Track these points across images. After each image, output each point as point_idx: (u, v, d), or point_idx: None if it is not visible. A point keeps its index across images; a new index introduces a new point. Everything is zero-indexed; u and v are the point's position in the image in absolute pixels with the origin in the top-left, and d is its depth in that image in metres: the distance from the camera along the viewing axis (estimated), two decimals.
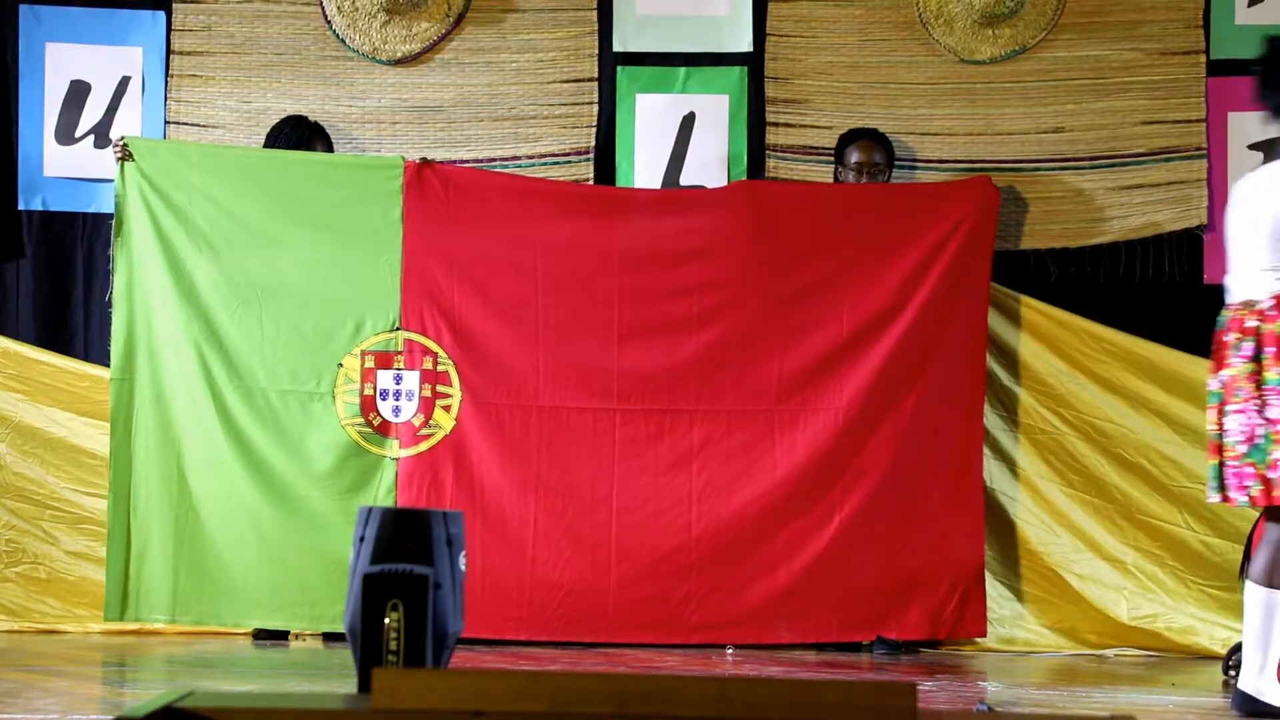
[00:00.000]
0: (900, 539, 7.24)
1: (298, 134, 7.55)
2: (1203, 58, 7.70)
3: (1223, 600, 7.18)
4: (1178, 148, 7.70)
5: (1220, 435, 5.41)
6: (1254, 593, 5.37)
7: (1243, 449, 5.33)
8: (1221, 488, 5.42)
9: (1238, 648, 6.35)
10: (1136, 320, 7.54)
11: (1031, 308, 7.53)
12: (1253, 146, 7.56)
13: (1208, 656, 7.14)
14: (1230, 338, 5.40)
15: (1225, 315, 5.45)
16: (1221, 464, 5.41)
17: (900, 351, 7.27)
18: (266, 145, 7.58)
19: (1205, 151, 7.69)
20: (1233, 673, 6.35)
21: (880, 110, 7.80)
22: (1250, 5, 7.63)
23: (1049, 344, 7.51)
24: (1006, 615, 7.40)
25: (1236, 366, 5.36)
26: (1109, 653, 7.33)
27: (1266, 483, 5.30)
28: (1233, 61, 7.59)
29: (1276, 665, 5.34)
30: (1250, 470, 5.32)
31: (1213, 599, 7.27)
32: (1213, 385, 5.45)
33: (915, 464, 7.26)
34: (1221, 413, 5.41)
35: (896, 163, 7.69)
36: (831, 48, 7.86)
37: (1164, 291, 7.68)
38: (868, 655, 7.13)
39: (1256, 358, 5.33)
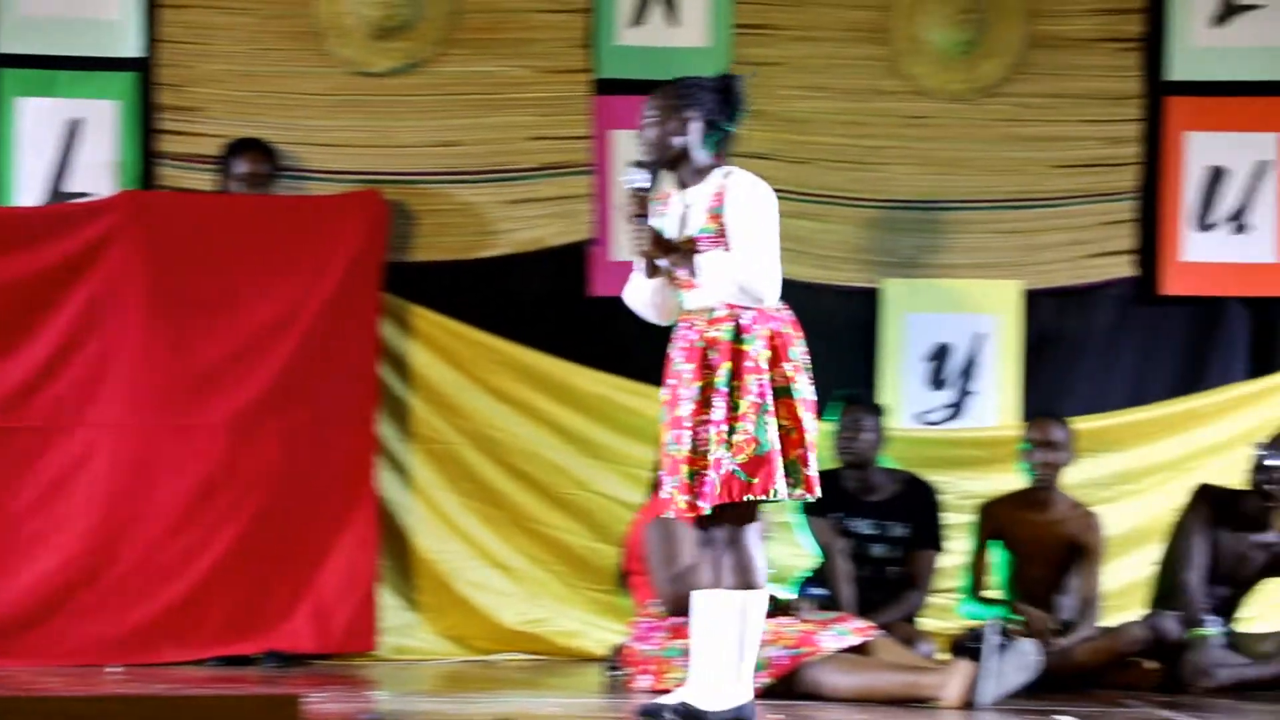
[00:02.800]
0: (291, 552, 7.21)
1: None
2: (588, 76, 7.90)
3: (606, 604, 7.37)
4: (565, 163, 7.88)
5: None
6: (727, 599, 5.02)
7: None
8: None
9: (621, 649, 6.54)
10: (527, 331, 7.69)
11: (425, 319, 7.60)
12: (633, 164, 7.82)
13: (591, 658, 7.33)
14: None
15: None
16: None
17: (290, 364, 7.26)
18: None
19: (592, 168, 7.88)
20: (616, 673, 6.54)
21: (276, 120, 7.75)
22: (630, 26, 7.88)
23: (442, 354, 7.60)
24: (399, 624, 7.44)
25: None
26: (496, 658, 7.44)
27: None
28: (614, 81, 7.83)
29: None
30: None
31: (597, 602, 7.46)
32: None
33: (306, 477, 7.24)
34: None
35: (292, 174, 7.66)
36: (225, 55, 7.78)
37: (553, 303, 7.86)
38: (256, 669, 7.06)
39: None
